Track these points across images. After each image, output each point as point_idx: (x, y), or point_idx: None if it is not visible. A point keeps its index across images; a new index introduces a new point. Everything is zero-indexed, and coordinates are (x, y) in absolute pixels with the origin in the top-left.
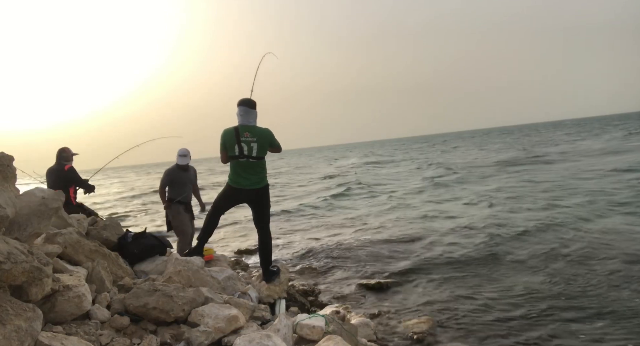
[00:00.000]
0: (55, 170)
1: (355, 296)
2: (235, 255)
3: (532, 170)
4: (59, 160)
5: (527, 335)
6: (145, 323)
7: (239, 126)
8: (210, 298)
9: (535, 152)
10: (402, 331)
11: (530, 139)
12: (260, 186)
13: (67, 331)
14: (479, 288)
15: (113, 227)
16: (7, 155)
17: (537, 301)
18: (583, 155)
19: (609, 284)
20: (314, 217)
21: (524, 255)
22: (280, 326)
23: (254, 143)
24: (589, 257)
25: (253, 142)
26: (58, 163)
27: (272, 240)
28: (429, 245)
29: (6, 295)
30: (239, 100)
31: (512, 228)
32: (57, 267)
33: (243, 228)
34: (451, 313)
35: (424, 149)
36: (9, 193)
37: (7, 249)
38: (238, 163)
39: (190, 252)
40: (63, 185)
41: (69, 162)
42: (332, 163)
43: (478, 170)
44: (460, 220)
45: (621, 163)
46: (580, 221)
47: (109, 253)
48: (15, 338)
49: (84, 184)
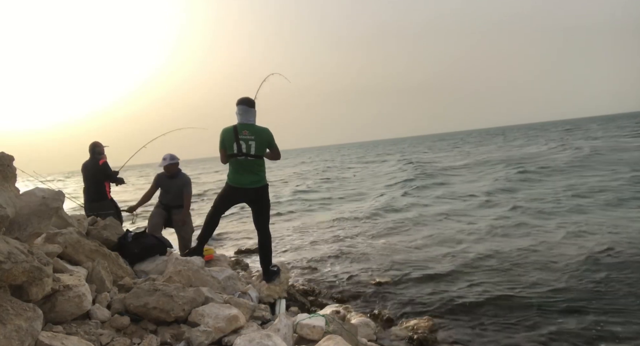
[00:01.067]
0: (90, 164)
1: (355, 296)
2: (235, 255)
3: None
4: (93, 154)
5: (528, 335)
6: (145, 322)
7: (237, 124)
8: (211, 298)
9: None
10: (402, 332)
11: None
12: (260, 185)
13: (68, 331)
14: (480, 288)
15: (113, 227)
16: (7, 155)
17: (539, 301)
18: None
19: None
20: (314, 216)
21: (526, 254)
22: (280, 326)
23: (252, 141)
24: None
25: (251, 140)
26: (92, 158)
27: (271, 239)
28: (430, 245)
29: (6, 294)
30: (238, 99)
31: (528, 226)
32: (58, 267)
33: (243, 228)
34: (452, 314)
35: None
36: (9, 193)
37: (7, 249)
38: (237, 162)
39: (190, 251)
40: (100, 179)
41: (102, 155)
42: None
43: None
44: (461, 221)
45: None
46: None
47: (109, 253)
48: (16, 338)
49: (115, 178)
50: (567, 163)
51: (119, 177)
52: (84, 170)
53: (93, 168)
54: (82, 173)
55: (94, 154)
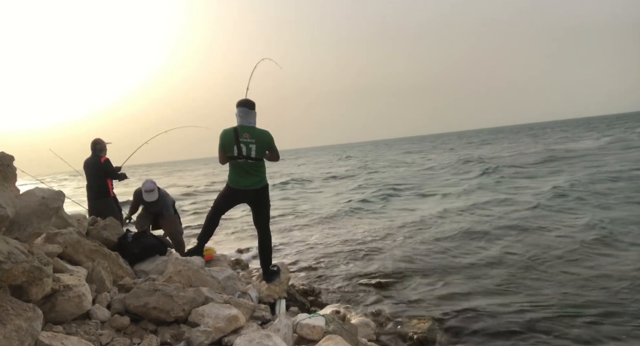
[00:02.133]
0: (92, 162)
1: (355, 296)
2: (236, 255)
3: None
4: (95, 151)
5: (528, 335)
6: (145, 323)
7: (238, 126)
8: (211, 298)
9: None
10: (402, 332)
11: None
12: (260, 186)
13: (68, 331)
14: (480, 289)
15: (113, 227)
16: (7, 155)
17: (540, 301)
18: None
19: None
20: (313, 215)
21: (528, 254)
22: (280, 326)
23: (253, 145)
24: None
25: (252, 143)
26: (94, 155)
27: (271, 240)
28: (430, 246)
29: (6, 294)
30: (238, 101)
31: (524, 230)
32: (57, 267)
33: (243, 228)
34: (452, 314)
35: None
36: (9, 193)
37: (7, 249)
38: (237, 164)
39: (190, 251)
40: (102, 176)
41: (103, 153)
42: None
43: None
44: (460, 221)
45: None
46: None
47: (109, 253)
48: (16, 338)
49: (116, 175)
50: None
51: (121, 172)
52: (86, 168)
53: (94, 166)
54: (84, 170)
55: (95, 151)
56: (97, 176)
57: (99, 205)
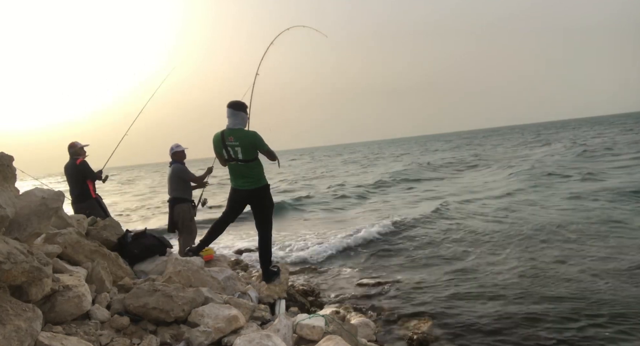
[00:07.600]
0: (69, 166)
1: (355, 296)
2: (235, 255)
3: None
4: (71, 155)
5: (527, 336)
6: (145, 323)
7: (225, 130)
8: (210, 298)
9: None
10: (402, 332)
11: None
12: (256, 186)
13: (67, 332)
14: (480, 289)
15: (113, 227)
16: (7, 155)
17: (540, 301)
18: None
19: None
20: (313, 214)
21: (528, 255)
22: (280, 326)
23: (238, 147)
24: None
25: (237, 146)
26: (70, 159)
27: (272, 240)
28: (431, 245)
29: (6, 295)
30: (228, 102)
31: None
32: (57, 267)
33: (243, 228)
34: (451, 314)
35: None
36: (9, 193)
37: (7, 249)
38: (230, 166)
39: (189, 251)
40: (79, 179)
41: (80, 155)
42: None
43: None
44: (461, 222)
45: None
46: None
47: (109, 253)
48: (15, 338)
49: (94, 175)
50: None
51: (99, 172)
52: (65, 172)
53: (71, 169)
54: (65, 175)
55: (71, 155)
56: (76, 179)
57: (81, 209)
